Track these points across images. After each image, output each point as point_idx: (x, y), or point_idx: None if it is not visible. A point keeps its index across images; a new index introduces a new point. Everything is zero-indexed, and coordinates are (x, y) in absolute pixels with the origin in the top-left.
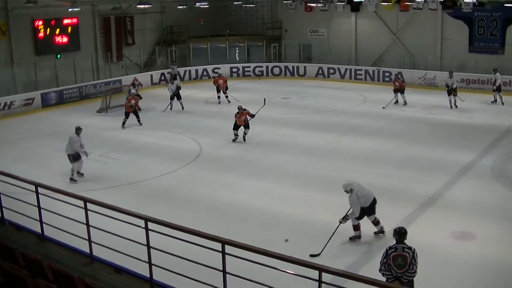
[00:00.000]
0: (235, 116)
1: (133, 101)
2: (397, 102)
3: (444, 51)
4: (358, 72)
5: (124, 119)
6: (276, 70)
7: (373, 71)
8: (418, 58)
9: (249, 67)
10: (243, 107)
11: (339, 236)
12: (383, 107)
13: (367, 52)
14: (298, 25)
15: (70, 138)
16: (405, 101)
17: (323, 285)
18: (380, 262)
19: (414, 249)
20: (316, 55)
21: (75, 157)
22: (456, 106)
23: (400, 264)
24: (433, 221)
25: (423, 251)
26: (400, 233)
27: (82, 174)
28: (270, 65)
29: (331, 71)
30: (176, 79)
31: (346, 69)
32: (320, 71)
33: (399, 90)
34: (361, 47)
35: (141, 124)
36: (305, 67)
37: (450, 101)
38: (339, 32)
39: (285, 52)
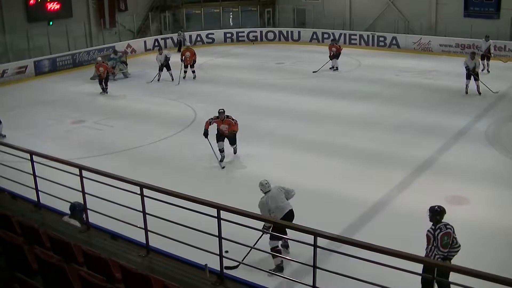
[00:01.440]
0: (209, 124)
1: (101, 69)
2: (332, 67)
3: (439, 15)
4: (352, 37)
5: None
6: (270, 35)
7: (368, 36)
8: (412, 23)
9: (243, 32)
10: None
11: (335, 201)
12: (314, 71)
13: (362, 17)
14: None
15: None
16: (336, 67)
17: (318, 249)
18: (427, 248)
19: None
20: (310, 20)
21: None
22: (488, 71)
23: (446, 243)
24: (427, 185)
25: (417, 216)
26: (441, 212)
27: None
28: (264, 30)
29: (326, 36)
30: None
31: (340, 34)
32: (315, 36)
33: (336, 55)
34: (356, 11)
35: (106, 92)
36: (299, 32)
37: (483, 64)
38: None
39: (279, 17)
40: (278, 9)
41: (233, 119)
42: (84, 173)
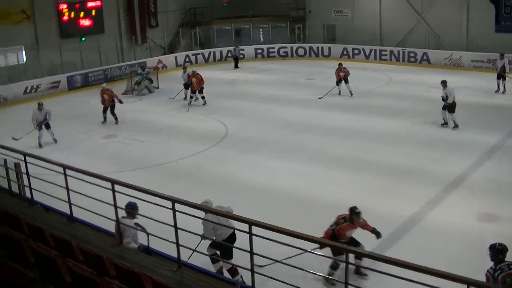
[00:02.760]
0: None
1: (105, 96)
2: (339, 93)
3: (470, 30)
4: (383, 52)
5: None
6: (301, 51)
7: (398, 51)
8: (443, 38)
9: (274, 48)
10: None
11: (365, 217)
12: (320, 98)
13: (392, 32)
14: (322, 5)
15: (33, 112)
16: (350, 92)
17: (349, 266)
18: None
19: None
20: (340, 36)
21: (46, 126)
22: (504, 91)
23: (510, 285)
24: (459, 202)
25: (449, 233)
26: (504, 250)
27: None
28: (295, 46)
29: (356, 51)
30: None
31: (370, 50)
32: (345, 52)
33: (344, 79)
34: (386, 27)
35: (116, 122)
36: (329, 48)
37: (498, 84)
38: (364, 12)
39: (309, 33)
40: (308, 25)
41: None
42: (116, 187)
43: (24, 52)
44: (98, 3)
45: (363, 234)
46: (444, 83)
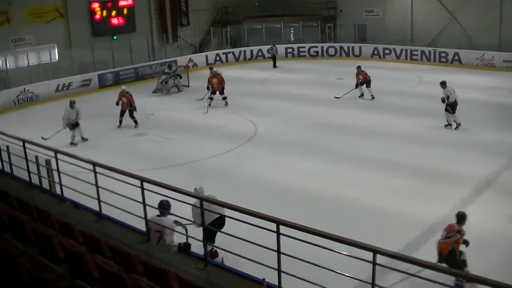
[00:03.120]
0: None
1: (124, 99)
2: (362, 95)
3: (503, 30)
4: (414, 52)
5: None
6: (331, 51)
7: (429, 51)
8: (475, 38)
9: (304, 47)
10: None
11: (393, 218)
12: (337, 97)
13: (423, 32)
14: (352, 5)
15: (65, 110)
16: (372, 96)
17: (377, 266)
18: None
19: None
20: (371, 35)
21: (74, 125)
22: None
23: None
24: (488, 204)
25: (477, 235)
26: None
27: (86, 139)
28: (325, 45)
29: (387, 51)
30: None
31: (401, 50)
32: (376, 52)
33: (364, 83)
34: (417, 27)
35: (136, 126)
36: (360, 48)
37: None
38: (395, 12)
39: (340, 32)
40: (339, 25)
41: None
42: (145, 185)
43: (56, 50)
44: (130, 2)
45: (388, 235)
46: (443, 84)
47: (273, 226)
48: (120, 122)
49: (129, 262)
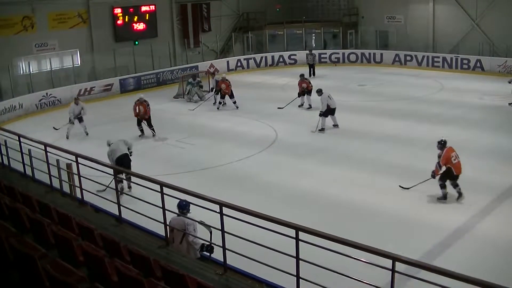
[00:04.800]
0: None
1: (140, 108)
2: (301, 105)
3: None
4: (435, 59)
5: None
6: (353, 57)
7: (451, 58)
8: (498, 45)
9: (326, 53)
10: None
11: (415, 225)
12: (280, 108)
13: (445, 39)
14: (374, 11)
15: (71, 105)
16: (310, 105)
17: (396, 274)
18: None
19: None
20: (392, 42)
21: (80, 119)
22: None
23: None
24: (510, 212)
25: (500, 243)
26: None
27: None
28: (347, 51)
29: (408, 58)
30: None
31: (423, 56)
32: (397, 58)
33: (306, 92)
34: (439, 33)
35: (154, 135)
36: (381, 54)
37: None
38: (416, 19)
39: (362, 38)
40: (361, 31)
41: None
42: (165, 189)
43: (79, 55)
44: (152, 7)
45: (407, 243)
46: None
47: (292, 232)
48: (141, 131)
49: (148, 267)
